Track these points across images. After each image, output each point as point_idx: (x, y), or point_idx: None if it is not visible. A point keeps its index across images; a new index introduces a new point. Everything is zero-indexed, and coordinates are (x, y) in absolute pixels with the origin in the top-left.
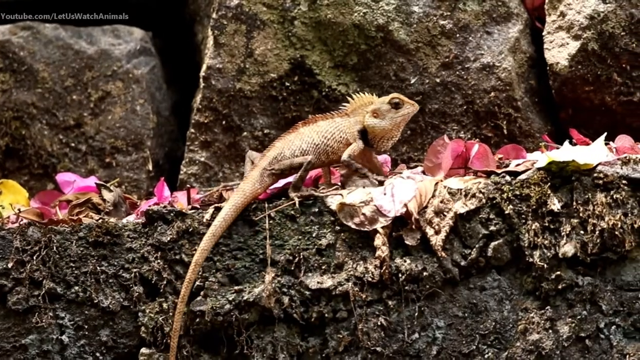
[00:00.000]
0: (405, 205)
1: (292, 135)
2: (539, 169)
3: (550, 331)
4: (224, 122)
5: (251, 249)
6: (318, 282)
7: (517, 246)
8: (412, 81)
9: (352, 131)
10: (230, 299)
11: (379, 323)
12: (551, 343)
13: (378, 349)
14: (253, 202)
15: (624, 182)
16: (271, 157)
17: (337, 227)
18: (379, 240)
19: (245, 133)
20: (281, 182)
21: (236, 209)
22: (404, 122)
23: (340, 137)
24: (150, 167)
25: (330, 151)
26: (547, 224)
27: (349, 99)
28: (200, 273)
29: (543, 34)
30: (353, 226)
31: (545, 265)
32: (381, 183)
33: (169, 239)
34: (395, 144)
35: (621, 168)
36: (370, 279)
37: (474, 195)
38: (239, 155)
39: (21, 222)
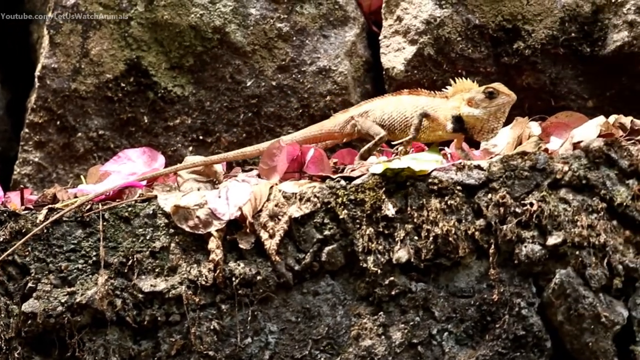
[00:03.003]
0: (240, 208)
1: (392, 99)
2: (374, 174)
3: (383, 337)
4: (58, 123)
5: (85, 251)
6: (151, 285)
7: (351, 251)
8: (248, 84)
9: (446, 114)
10: (63, 301)
11: (211, 327)
12: (383, 349)
13: (210, 352)
14: (87, 204)
15: (458, 188)
16: (362, 110)
17: (172, 230)
18: (213, 244)
19: (79, 134)
20: (116, 184)
21: (306, 138)
22: (501, 113)
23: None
24: None
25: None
26: (381, 229)
27: (452, 81)
28: (32, 274)
29: (380, 38)
30: (187, 229)
31: (379, 271)
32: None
33: (1, 239)
34: (229, 146)
35: (456, 174)
36: (203, 283)
37: (308, 200)
38: (73, 156)
39: None
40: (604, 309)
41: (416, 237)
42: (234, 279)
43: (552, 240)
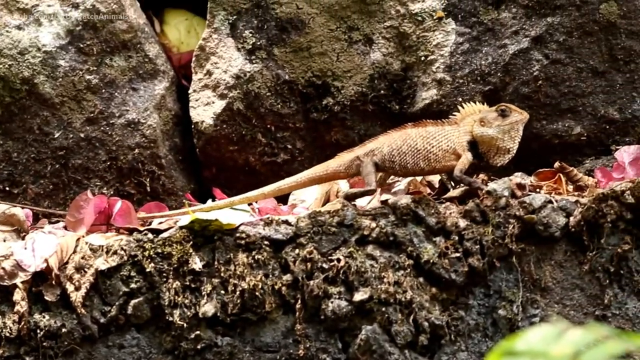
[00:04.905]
0: (46, 260)
1: (397, 134)
2: (181, 227)
3: None
4: None
5: None
6: None
7: (158, 304)
8: (56, 135)
9: (461, 141)
10: None
11: None
12: None
13: None
14: None
15: (265, 242)
16: (368, 149)
17: None
18: (18, 295)
19: None
20: None
21: (311, 178)
22: (515, 132)
23: (448, 145)
24: None
25: (432, 158)
26: (188, 283)
27: (459, 107)
28: None
29: (189, 92)
30: None
31: (185, 325)
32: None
33: None
34: (36, 198)
35: (264, 229)
36: (8, 334)
37: (115, 252)
38: None
39: None
40: None
41: (223, 292)
42: (38, 331)
43: (358, 296)
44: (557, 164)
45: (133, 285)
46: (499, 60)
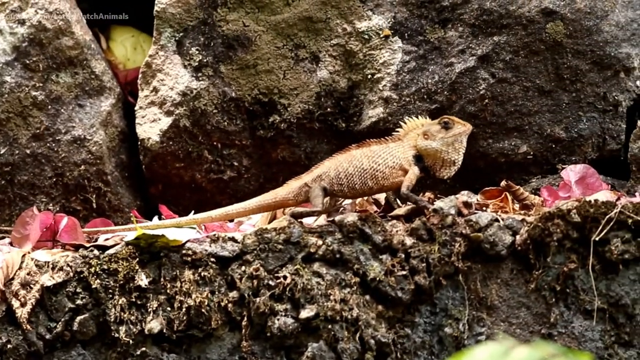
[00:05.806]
0: None
1: (342, 157)
2: (127, 243)
3: None
4: None
5: None
6: None
7: (104, 321)
8: (2, 152)
9: (406, 156)
10: None
11: None
12: None
13: None
14: None
15: (212, 259)
16: (315, 175)
17: None
18: None
19: None
20: None
21: (260, 205)
22: (459, 144)
23: (394, 162)
24: None
25: (380, 176)
26: (134, 300)
27: (402, 123)
28: None
29: (135, 108)
30: None
31: (131, 341)
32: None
33: None
34: None
35: (210, 246)
36: None
37: (61, 269)
38: None
39: None
40: None
41: (169, 308)
42: None
43: (304, 313)
44: (503, 183)
45: (79, 302)
46: (445, 79)
